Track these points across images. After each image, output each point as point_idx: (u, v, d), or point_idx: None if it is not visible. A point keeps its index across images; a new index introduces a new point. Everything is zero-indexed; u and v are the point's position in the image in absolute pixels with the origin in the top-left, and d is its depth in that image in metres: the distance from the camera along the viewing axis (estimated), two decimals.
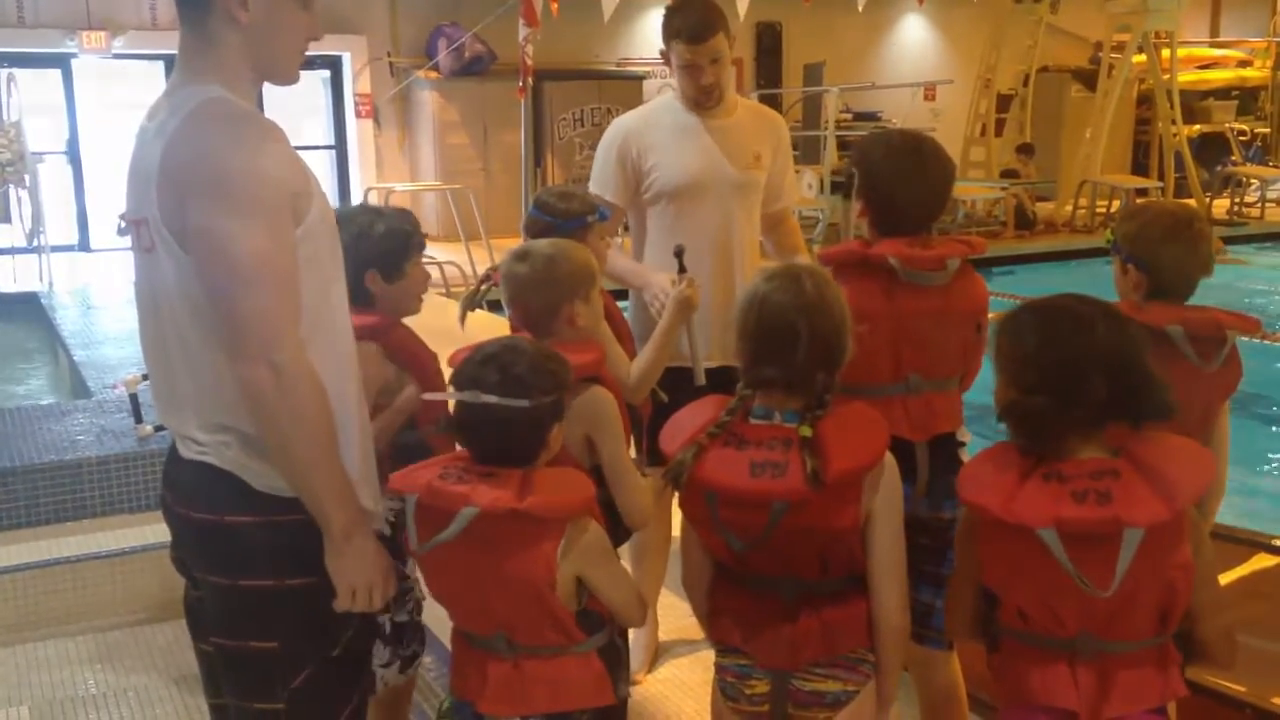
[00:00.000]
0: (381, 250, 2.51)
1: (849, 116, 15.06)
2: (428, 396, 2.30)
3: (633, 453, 2.50)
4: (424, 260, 2.64)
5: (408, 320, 2.61)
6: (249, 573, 1.92)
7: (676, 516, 2.48)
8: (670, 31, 3.20)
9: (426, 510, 1.96)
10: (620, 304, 2.95)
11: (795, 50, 16.02)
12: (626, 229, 3.45)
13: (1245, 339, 2.37)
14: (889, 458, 2.02)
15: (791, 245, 3.54)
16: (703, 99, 3.24)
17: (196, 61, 1.90)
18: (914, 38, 16.11)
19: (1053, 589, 1.80)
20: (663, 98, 3.45)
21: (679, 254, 2.87)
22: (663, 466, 2.06)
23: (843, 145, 12.67)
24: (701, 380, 3.05)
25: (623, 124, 3.36)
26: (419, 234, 2.62)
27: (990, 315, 2.37)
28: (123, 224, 1.96)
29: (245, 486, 1.90)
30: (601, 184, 3.31)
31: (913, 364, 2.39)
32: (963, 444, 2.51)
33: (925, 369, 2.39)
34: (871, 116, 15.17)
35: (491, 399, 1.95)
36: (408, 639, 2.67)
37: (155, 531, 4.04)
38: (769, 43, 16.27)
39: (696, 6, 3.19)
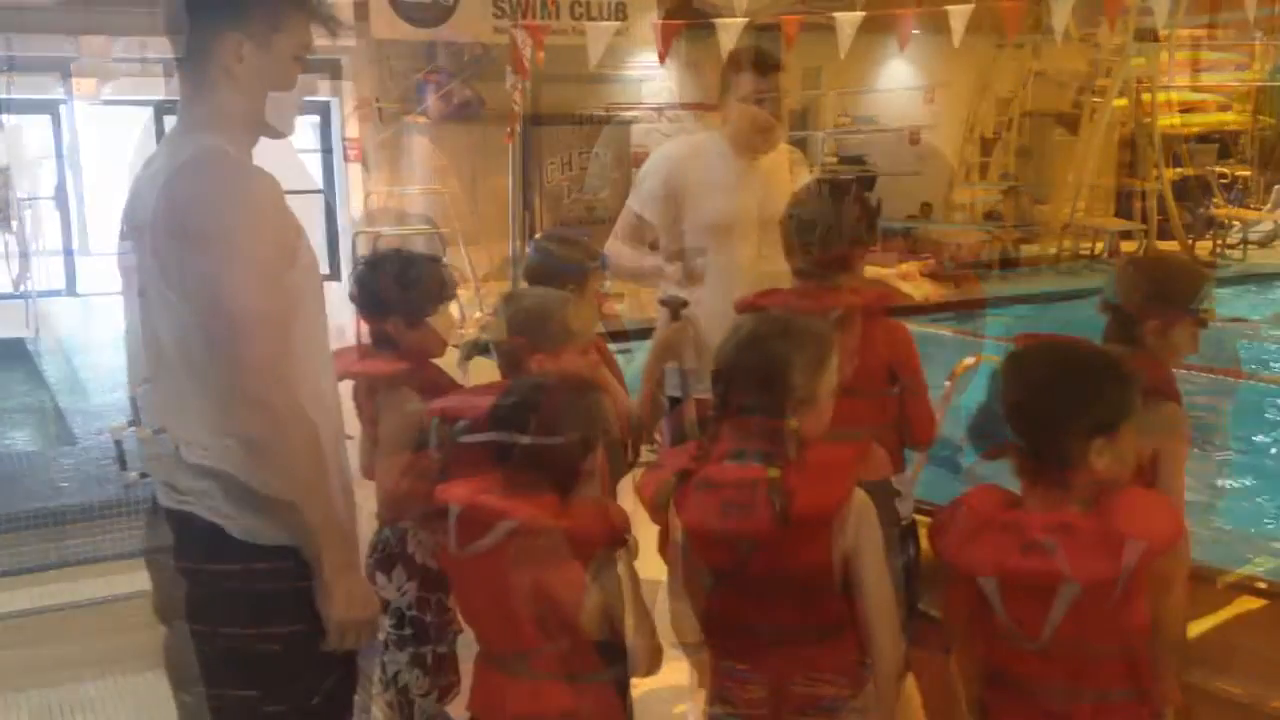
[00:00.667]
0: (406, 297, 2.58)
1: (835, 161, 15.17)
2: (467, 438, 2.32)
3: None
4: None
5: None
6: (229, 621, 1.92)
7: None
8: (738, 64, 3.27)
9: (466, 521, 2.00)
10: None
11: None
12: (656, 245, 3.49)
13: (1233, 381, 2.38)
14: (863, 499, 2.02)
15: None
16: (759, 140, 3.28)
17: (194, 111, 1.93)
18: (899, 81, 16.25)
19: (999, 635, 1.84)
20: (708, 134, 3.50)
21: (669, 304, 2.90)
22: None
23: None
24: (692, 415, 3.07)
25: (669, 154, 3.43)
26: (451, 284, 2.70)
27: (980, 358, 2.38)
28: (118, 264, 1.98)
29: (226, 535, 1.90)
30: (643, 203, 3.37)
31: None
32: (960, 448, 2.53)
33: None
34: (857, 160, 15.28)
35: (525, 439, 1.99)
36: (446, 669, 2.70)
37: (141, 579, 3.99)
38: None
39: (763, 45, 3.24)
